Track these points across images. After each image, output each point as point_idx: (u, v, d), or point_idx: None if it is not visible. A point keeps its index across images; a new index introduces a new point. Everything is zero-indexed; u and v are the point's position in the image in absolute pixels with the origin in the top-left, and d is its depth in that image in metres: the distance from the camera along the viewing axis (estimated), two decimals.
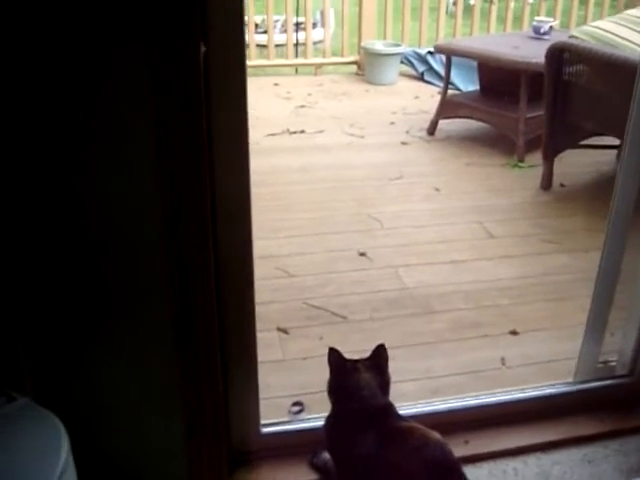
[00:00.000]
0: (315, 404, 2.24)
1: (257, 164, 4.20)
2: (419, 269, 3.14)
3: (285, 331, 2.65)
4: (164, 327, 1.62)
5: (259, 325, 1.85)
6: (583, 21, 6.73)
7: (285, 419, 2.08)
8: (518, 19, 6.73)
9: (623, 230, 2.12)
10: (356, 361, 1.80)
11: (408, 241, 3.38)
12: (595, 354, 2.27)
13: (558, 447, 2.08)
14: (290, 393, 2.30)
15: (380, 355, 1.84)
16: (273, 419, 2.02)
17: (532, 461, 2.04)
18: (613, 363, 2.30)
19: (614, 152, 4.46)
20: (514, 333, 2.70)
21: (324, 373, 1.81)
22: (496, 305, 2.89)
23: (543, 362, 2.53)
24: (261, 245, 3.21)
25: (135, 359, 1.66)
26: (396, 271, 3.10)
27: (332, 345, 1.82)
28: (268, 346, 2.52)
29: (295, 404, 2.22)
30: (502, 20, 6.70)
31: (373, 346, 1.84)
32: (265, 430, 1.95)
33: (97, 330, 1.61)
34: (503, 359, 2.54)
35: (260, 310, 2.68)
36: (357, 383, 1.74)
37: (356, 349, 1.87)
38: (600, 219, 3.72)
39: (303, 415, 2.16)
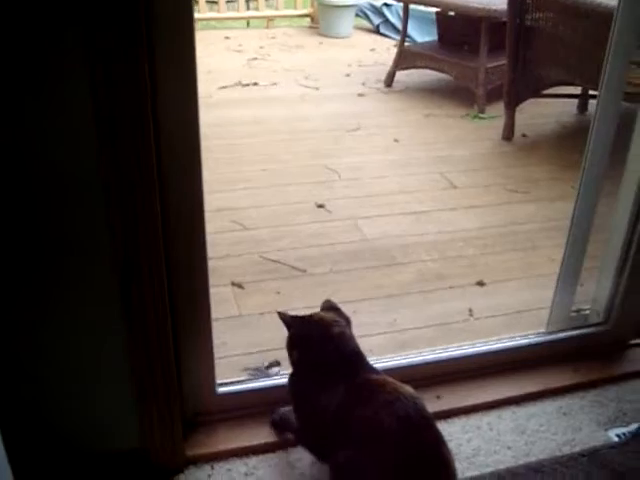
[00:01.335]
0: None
1: (209, 117, 4.02)
2: (380, 220, 2.99)
3: (240, 286, 2.49)
4: (108, 283, 1.45)
5: (213, 280, 1.68)
6: None
7: (242, 378, 1.92)
8: None
9: (597, 177, 2.00)
10: (310, 315, 1.66)
11: (368, 192, 3.23)
12: (568, 303, 2.15)
13: (533, 400, 1.97)
14: (247, 351, 2.15)
15: (331, 306, 1.70)
16: (230, 379, 1.87)
17: (507, 415, 1.92)
18: (586, 311, 2.19)
19: (574, 102, 4.38)
20: (481, 284, 2.58)
21: (282, 330, 1.66)
22: (461, 256, 2.77)
23: (512, 313, 2.41)
24: (216, 198, 3.06)
25: (78, 319, 1.49)
26: (356, 223, 2.95)
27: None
28: (223, 302, 2.36)
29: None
30: None
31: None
32: (221, 390, 1.79)
33: (34, 290, 1.44)
34: (471, 310, 2.42)
35: (214, 265, 2.52)
36: (320, 328, 1.60)
37: (317, 304, 1.73)
38: (563, 168, 3.67)
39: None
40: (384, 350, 2.09)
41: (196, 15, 6.14)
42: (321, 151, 3.67)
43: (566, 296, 2.15)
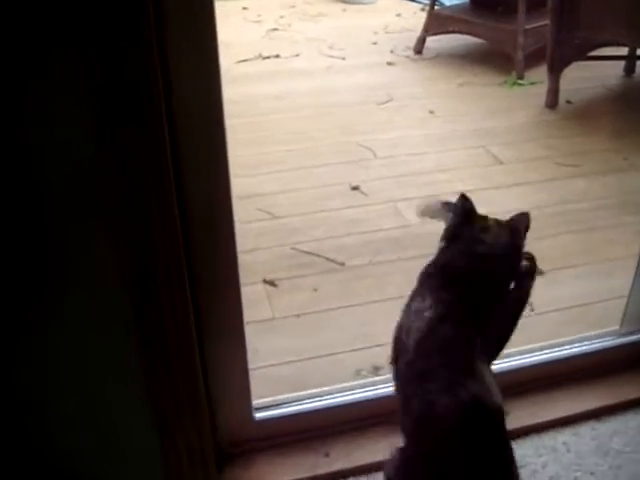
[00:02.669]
0: (314, 373, 1.86)
1: (228, 93, 3.73)
2: (421, 202, 2.73)
3: (273, 283, 2.25)
4: (117, 288, 1.21)
5: (241, 278, 1.46)
6: None
7: (284, 396, 1.67)
8: None
9: None
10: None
11: (406, 171, 2.96)
12: None
13: (613, 413, 1.73)
14: (282, 360, 1.91)
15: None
16: (267, 397, 1.63)
17: (585, 432, 1.68)
18: None
19: (620, 64, 4.08)
20: (540, 273, 2.31)
21: (323, 332, 1.42)
22: None
23: (578, 306, 2.17)
24: (239, 184, 2.76)
25: (82, 335, 1.25)
26: (395, 206, 2.69)
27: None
28: (253, 303, 2.12)
29: None
30: None
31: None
32: (259, 416, 1.56)
33: (29, 304, 1.21)
34: (531, 304, 2.15)
35: (241, 260, 2.29)
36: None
37: (358, 301, 1.49)
38: (613, 138, 3.38)
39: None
40: None
41: None
42: (352, 127, 3.40)
43: None
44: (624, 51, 3.98)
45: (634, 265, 1.85)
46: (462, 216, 1.42)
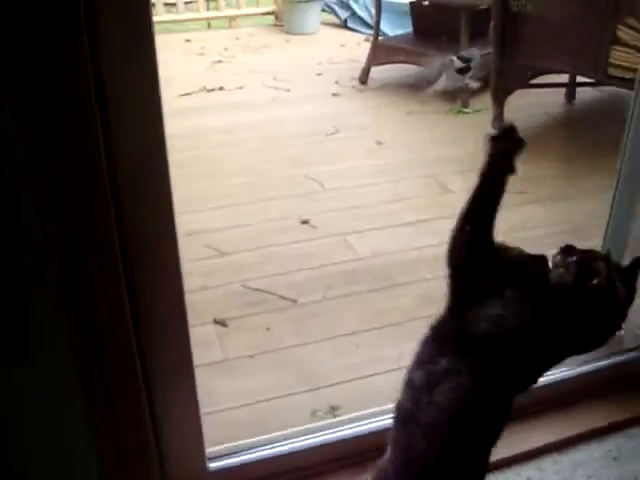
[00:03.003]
0: (270, 416, 1.79)
1: (172, 127, 3.66)
2: (372, 235, 2.69)
3: (224, 323, 2.18)
4: (56, 330, 1.14)
5: (190, 319, 1.39)
6: None
7: (240, 442, 1.59)
8: None
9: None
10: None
11: (355, 203, 2.93)
12: None
13: (576, 444, 1.69)
14: (239, 403, 1.84)
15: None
16: (222, 443, 1.55)
17: (548, 465, 1.64)
18: (621, 332, 1.91)
19: (561, 91, 4.14)
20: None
21: (278, 373, 1.36)
22: None
23: None
24: (186, 220, 2.70)
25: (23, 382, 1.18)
26: (346, 239, 2.65)
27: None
28: (204, 344, 2.05)
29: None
30: None
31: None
32: (213, 465, 1.48)
33: None
34: None
35: (190, 299, 2.22)
36: None
37: (312, 339, 1.43)
38: (560, 163, 3.40)
39: None
40: (393, 393, 1.79)
41: (154, 18, 5.80)
42: (300, 159, 3.36)
43: None
44: (565, 78, 4.05)
45: None
46: None
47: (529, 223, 2.80)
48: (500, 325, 1.12)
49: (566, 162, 3.37)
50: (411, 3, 4.55)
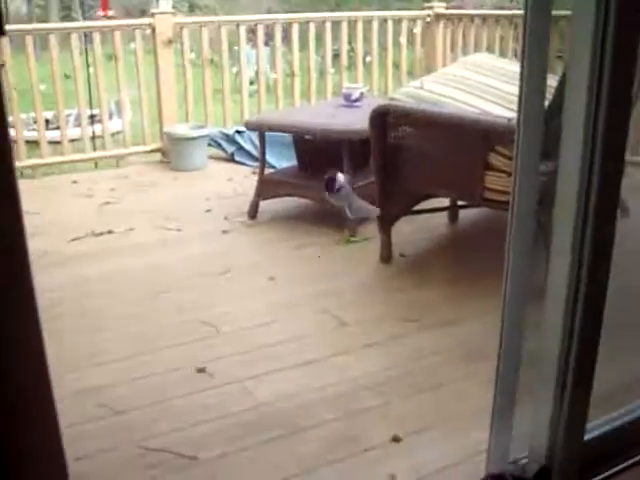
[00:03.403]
0: None
1: (60, 277, 3.63)
2: (271, 378, 2.65)
3: None
4: None
5: None
6: (384, 89, 6.72)
7: None
8: (320, 91, 6.58)
9: (520, 303, 1.77)
10: None
11: (252, 345, 2.89)
12: (505, 455, 1.88)
13: None
14: None
15: None
16: None
17: None
18: (524, 461, 1.92)
19: (445, 213, 4.30)
20: (397, 440, 2.28)
21: None
22: (368, 408, 2.46)
23: (439, 470, 2.12)
24: (74, 378, 2.60)
25: None
26: (244, 386, 2.59)
27: None
28: None
29: None
30: (305, 94, 6.51)
31: None
32: None
33: None
34: (393, 477, 2.10)
35: (81, 469, 2.12)
36: None
37: None
38: (448, 285, 3.49)
39: None
40: None
41: (38, 161, 5.77)
42: (192, 302, 3.31)
43: (501, 448, 1.88)
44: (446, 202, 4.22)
45: (487, 417, 1.84)
46: None
47: (423, 351, 2.83)
48: None
49: (454, 285, 3.46)
50: (293, 137, 4.67)
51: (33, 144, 5.94)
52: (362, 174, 4.11)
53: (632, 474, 2.03)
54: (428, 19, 6.84)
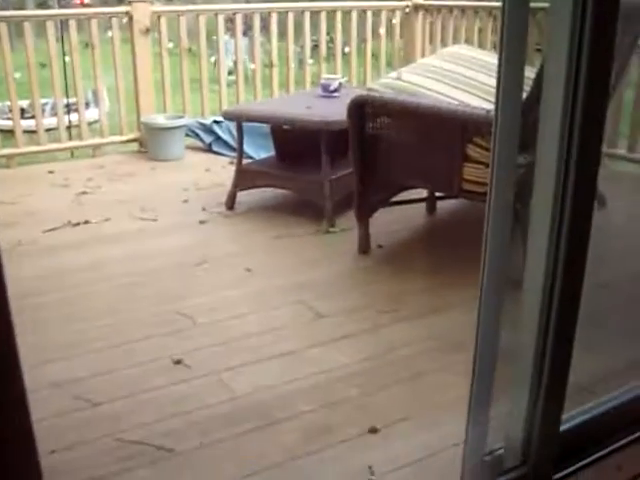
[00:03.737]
0: None
1: (36, 267, 3.60)
2: (247, 370, 2.64)
3: None
4: None
5: None
6: (363, 80, 6.71)
7: None
8: (299, 82, 6.56)
9: (498, 296, 1.77)
10: None
11: (229, 336, 2.88)
12: (481, 446, 1.89)
13: None
14: None
15: None
16: None
17: None
18: (500, 451, 1.93)
19: (423, 205, 4.30)
20: (374, 431, 2.28)
21: None
22: (345, 399, 2.47)
23: (416, 461, 2.13)
24: (51, 370, 2.59)
25: None
26: (220, 377, 2.58)
27: None
28: None
29: None
30: (283, 84, 6.49)
31: None
32: None
33: None
34: (371, 468, 2.10)
35: (60, 459, 2.11)
36: None
37: None
38: (426, 276, 3.50)
39: None
40: None
41: (13, 150, 5.70)
42: (169, 293, 3.30)
43: (477, 439, 1.88)
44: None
45: (464, 408, 1.85)
46: None
47: (400, 343, 2.84)
48: None
49: (431, 276, 3.47)
50: (271, 128, 4.66)
51: (8, 133, 5.88)
52: (340, 165, 4.11)
53: (607, 464, 2.05)
54: (407, 10, 6.84)
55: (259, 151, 5.32)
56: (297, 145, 4.44)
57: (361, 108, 3.47)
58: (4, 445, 1.12)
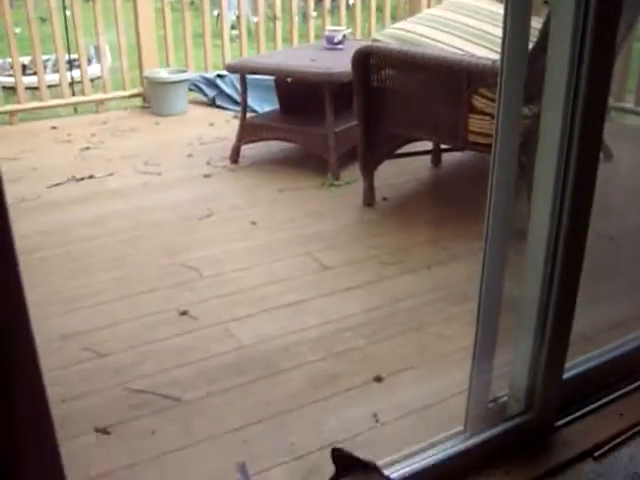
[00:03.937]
0: None
1: (41, 222, 3.61)
2: (253, 321, 2.67)
3: (106, 431, 2.08)
4: None
5: (69, 429, 1.31)
6: (367, 32, 6.62)
7: None
8: (303, 36, 6.49)
9: (502, 244, 1.77)
10: None
11: (234, 288, 2.90)
12: (484, 394, 1.92)
13: None
14: None
15: None
16: None
17: None
18: (504, 399, 1.96)
19: (429, 157, 4.29)
20: (379, 379, 2.31)
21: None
22: (351, 349, 2.49)
23: (421, 409, 2.16)
24: (59, 323, 2.63)
25: None
26: (227, 328, 2.61)
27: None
28: (85, 456, 1.96)
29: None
30: (287, 39, 6.42)
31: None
32: None
33: None
34: (375, 415, 2.13)
35: (69, 409, 2.14)
36: None
37: (200, 437, 1.37)
38: (431, 228, 3.51)
39: None
40: None
41: (16, 106, 5.67)
42: (174, 246, 3.31)
43: (481, 387, 1.90)
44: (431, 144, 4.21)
45: (468, 358, 1.87)
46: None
47: (405, 294, 2.85)
48: None
49: (436, 228, 3.47)
50: (275, 81, 4.62)
51: (10, 90, 5.84)
52: (345, 117, 4.08)
53: (608, 411, 2.07)
54: None
55: (263, 105, 5.29)
56: (301, 98, 4.41)
57: (366, 59, 3.43)
58: (16, 396, 1.14)
